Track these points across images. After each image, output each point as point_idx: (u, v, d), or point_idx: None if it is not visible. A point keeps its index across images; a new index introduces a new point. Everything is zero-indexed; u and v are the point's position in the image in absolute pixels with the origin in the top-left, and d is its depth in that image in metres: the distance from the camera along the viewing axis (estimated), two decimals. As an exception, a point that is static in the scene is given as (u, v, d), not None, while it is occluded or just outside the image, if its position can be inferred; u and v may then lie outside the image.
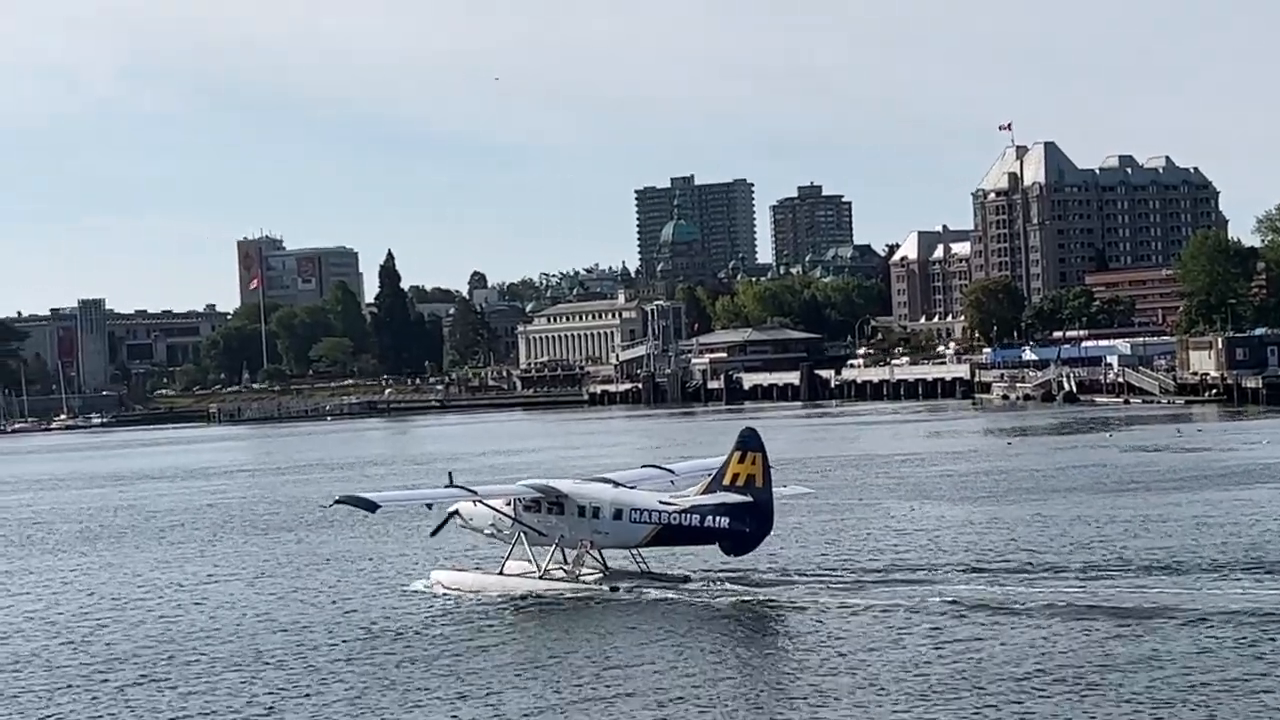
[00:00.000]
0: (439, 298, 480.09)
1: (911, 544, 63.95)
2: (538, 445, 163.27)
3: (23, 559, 75.26)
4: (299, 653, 46.72)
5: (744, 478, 50.83)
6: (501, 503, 54.72)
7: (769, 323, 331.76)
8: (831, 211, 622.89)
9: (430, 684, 41.70)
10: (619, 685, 40.81)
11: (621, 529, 52.66)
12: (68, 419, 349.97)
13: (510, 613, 51.40)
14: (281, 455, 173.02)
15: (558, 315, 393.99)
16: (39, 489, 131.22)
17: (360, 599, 55.86)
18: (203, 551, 73.58)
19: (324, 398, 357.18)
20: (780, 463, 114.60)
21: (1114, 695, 37.65)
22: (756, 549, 52.66)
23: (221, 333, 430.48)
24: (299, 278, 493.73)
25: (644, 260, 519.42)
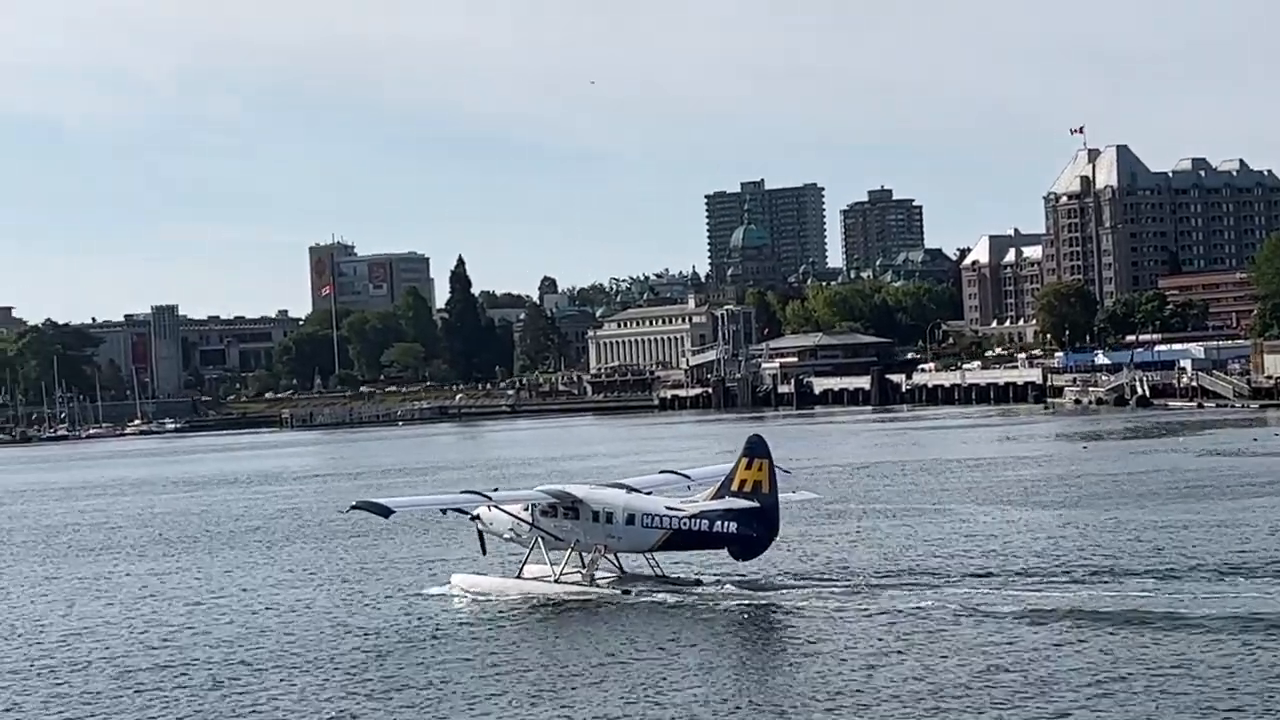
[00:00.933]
0: (509, 303, 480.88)
1: (984, 549, 63.48)
2: (608, 450, 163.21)
3: (95, 564, 75.58)
4: (373, 654, 46.88)
5: (751, 484, 51.66)
6: (520, 508, 55.82)
7: (839, 327, 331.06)
8: (902, 215, 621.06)
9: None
10: (629, 687, 41.23)
11: (634, 534, 53.72)
12: (141, 424, 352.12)
13: (526, 615, 52.08)
14: (353, 461, 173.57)
15: (628, 320, 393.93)
16: (113, 494, 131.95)
17: (388, 602, 56.52)
18: (273, 557, 73.67)
19: (395, 403, 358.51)
20: (851, 468, 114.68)
21: (1191, 703, 37.23)
22: (764, 553, 53.60)
23: (294, 338, 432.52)
24: (370, 283, 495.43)
25: (714, 265, 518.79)
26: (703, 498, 53.62)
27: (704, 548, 54.03)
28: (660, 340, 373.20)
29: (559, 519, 54.83)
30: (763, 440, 52.29)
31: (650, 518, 53.45)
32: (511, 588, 55.36)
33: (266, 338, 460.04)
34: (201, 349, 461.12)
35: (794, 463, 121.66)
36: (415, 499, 69.55)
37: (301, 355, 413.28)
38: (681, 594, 52.87)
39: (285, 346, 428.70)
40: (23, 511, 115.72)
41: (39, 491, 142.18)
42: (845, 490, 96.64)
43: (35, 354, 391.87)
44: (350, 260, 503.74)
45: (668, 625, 48.85)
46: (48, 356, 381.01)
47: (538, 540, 55.36)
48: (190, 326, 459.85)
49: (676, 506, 53.66)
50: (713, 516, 52.14)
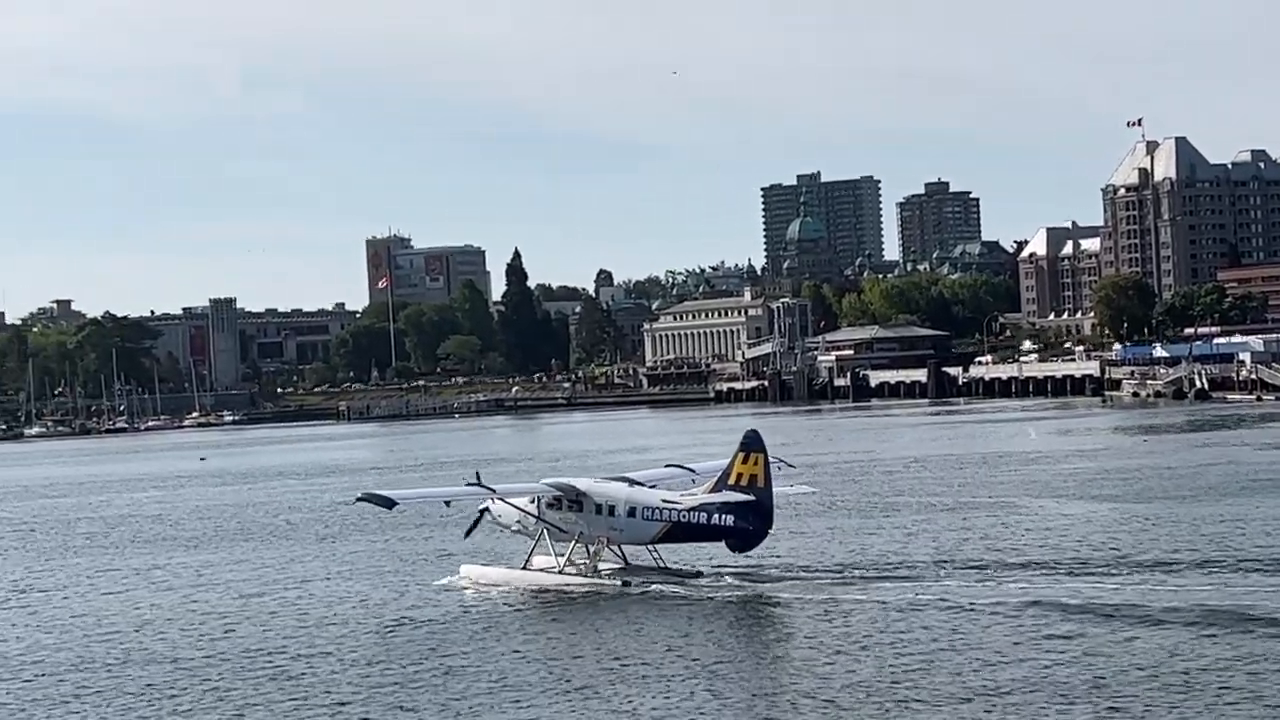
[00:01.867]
0: (565, 296, 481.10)
1: (1043, 543, 63.15)
2: (664, 443, 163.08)
3: (151, 555, 75.93)
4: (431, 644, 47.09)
5: (747, 477, 52.78)
6: (526, 501, 57.04)
7: (896, 320, 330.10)
8: (959, 208, 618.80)
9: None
10: (630, 673, 42.14)
11: (635, 526, 54.84)
12: (200, 417, 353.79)
13: (530, 605, 53.19)
14: (409, 453, 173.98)
15: (684, 313, 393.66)
16: (171, 487, 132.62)
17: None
18: (332, 550, 73.82)
19: (451, 395, 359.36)
20: (908, 461, 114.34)
21: (1253, 700, 36.95)
22: (759, 546, 54.43)
23: (350, 331, 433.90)
24: (427, 276, 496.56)
25: (770, 257, 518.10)
26: (702, 491, 54.79)
27: (702, 540, 55.03)
28: (716, 333, 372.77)
29: (563, 512, 56.12)
30: (758, 435, 53.47)
31: (650, 510, 54.55)
32: (517, 578, 56.52)
33: (324, 330, 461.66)
34: (259, 342, 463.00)
35: (849, 456, 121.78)
36: (419, 491, 70.56)
37: (358, 348, 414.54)
38: (680, 585, 53.90)
39: (342, 339, 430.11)
40: (84, 504, 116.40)
41: (99, 484, 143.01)
42: (902, 483, 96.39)
43: (95, 347, 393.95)
44: (407, 253, 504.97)
45: (666, 616, 49.73)
46: (107, 349, 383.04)
47: (543, 532, 56.54)
48: (248, 319, 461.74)
49: (672, 499, 54.77)
50: (710, 510, 53.34)
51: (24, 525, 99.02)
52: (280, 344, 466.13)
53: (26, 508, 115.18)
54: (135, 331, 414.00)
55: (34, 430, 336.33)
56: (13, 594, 64.54)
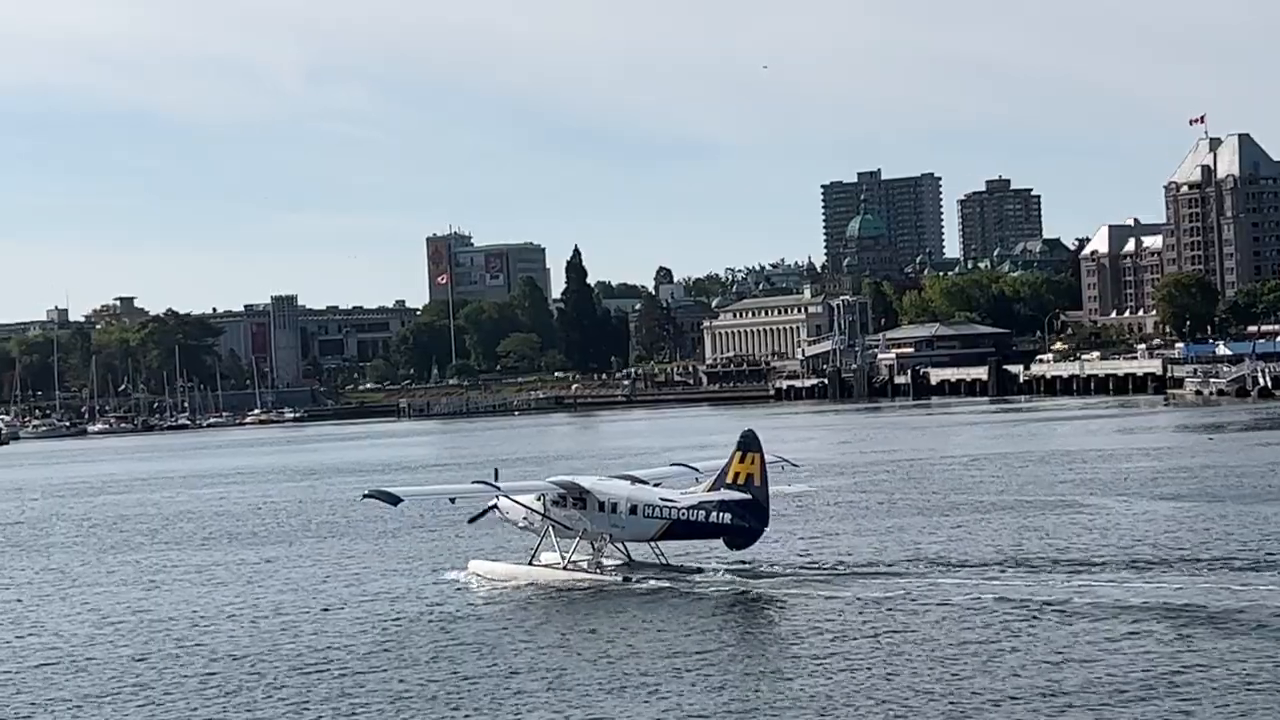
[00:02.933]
0: (625, 293, 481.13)
1: (1107, 541, 62.81)
2: (724, 441, 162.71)
3: (211, 551, 76.26)
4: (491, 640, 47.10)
5: (744, 476, 53.99)
6: (533, 498, 58.45)
7: (956, 317, 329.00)
8: (1020, 205, 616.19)
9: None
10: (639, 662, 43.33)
11: (636, 523, 56.14)
12: (261, 414, 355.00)
13: (535, 600, 54.69)
14: (469, 450, 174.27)
15: (743, 310, 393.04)
16: (234, 483, 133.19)
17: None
18: (382, 548, 73.86)
19: (511, 393, 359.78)
20: (969, 459, 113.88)
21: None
22: (755, 544, 55.64)
23: (411, 328, 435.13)
24: (487, 273, 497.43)
25: (830, 255, 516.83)
26: (701, 490, 56.04)
27: (701, 537, 56.37)
28: (776, 330, 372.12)
29: (568, 509, 57.45)
30: (755, 435, 54.54)
31: (651, 508, 55.75)
32: (523, 574, 58.08)
33: (384, 328, 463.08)
34: (320, 339, 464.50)
35: (910, 454, 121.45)
36: (425, 488, 73.25)
37: (419, 345, 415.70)
38: (680, 581, 54.86)
39: (403, 336, 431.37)
40: (146, 500, 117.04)
41: (161, 480, 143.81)
42: (962, 482, 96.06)
43: (157, 344, 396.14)
44: (467, 250, 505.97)
45: (663, 610, 50.91)
46: (169, 346, 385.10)
47: (549, 529, 57.99)
48: (309, 316, 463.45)
49: (671, 498, 56.03)
50: (708, 508, 54.55)
51: (87, 521, 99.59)
52: (341, 341, 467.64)
53: (90, 504, 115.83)
54: (197, 329, 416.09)
55: (97, 427, 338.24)
56: (74, 588, 64.91)
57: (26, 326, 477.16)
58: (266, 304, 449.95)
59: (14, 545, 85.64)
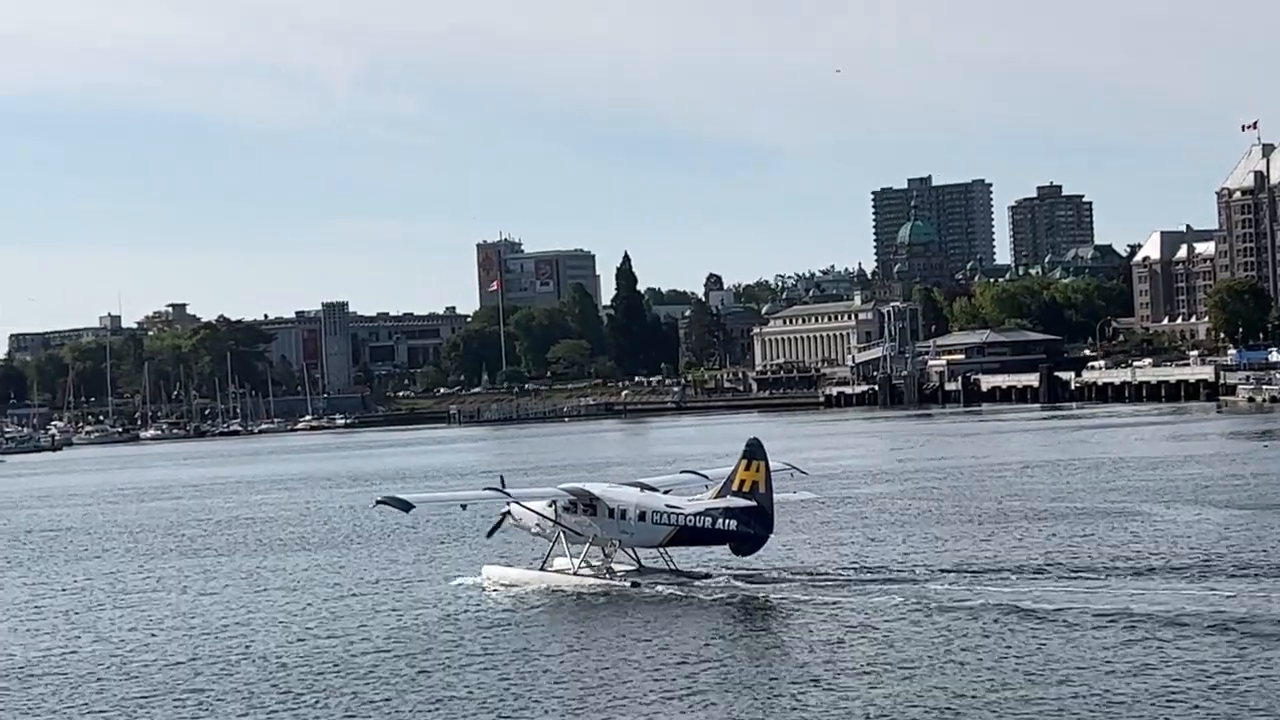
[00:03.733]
0: (675, 300, 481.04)
1: (1157, 548, 62.49)
2: (774, 448, 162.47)
3: (260, 557, 76.48)
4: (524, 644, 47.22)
5: (749, 484, 54.89)
6: (544, 505, 59.60)
7: (1007, 324, 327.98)
8: (1071, 211, 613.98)
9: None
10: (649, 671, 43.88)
11: (644, 530, 57.17)
12: (312, 420, 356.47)
13: (545, 604, 55.75)
14: (520, 457, 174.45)
15: (793, 317, 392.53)
16: (285, 489, 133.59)
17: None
18: (432, 555, 73.95)
19: (561, 399, 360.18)
20: (1020, 466, 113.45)
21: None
22: (762, 549, 56.52)
23: (461, 335, 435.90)
24: (537, 280, 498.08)
25: (880, 261, 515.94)
26: (707, 497, 57.02)
27: (707, 543, 57.26)
28: (826, 337, 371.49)
29: (578, 515, 58.57)
30: (760, 443, 55.66)
31: (659, 515, 56.80)
32: (534, 579, 59.14)
33: (435, 334, 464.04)
34: (371, 345, 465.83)
35: (962, 461, 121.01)
36: (436, 495, 75.50)
37: (469, 351, 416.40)
38: (687, 586, 55.57)
39: (453, 343, 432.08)
40: (198, 506, 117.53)
41: (213, 486, 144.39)
42: (1014, 488, 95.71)
43: (209, 350, 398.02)
44: (517, 257, 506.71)
45: (668, 615, 51.57)
46: (221, 352, 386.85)
47: (560, 535, 59.08)
48: (360, 323, 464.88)
49: (678, 505, 57.05)
50: (715, 514, 55.36)
51: (139, 527, 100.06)
52: (392, 347, 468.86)
53: (142, 510, 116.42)
54: (249, 335, 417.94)
55: (149, 433, 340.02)
56: (126, 594, 65.20)
57: (80, 333, 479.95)
58: (317, 310, 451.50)
59: (67, 551, 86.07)
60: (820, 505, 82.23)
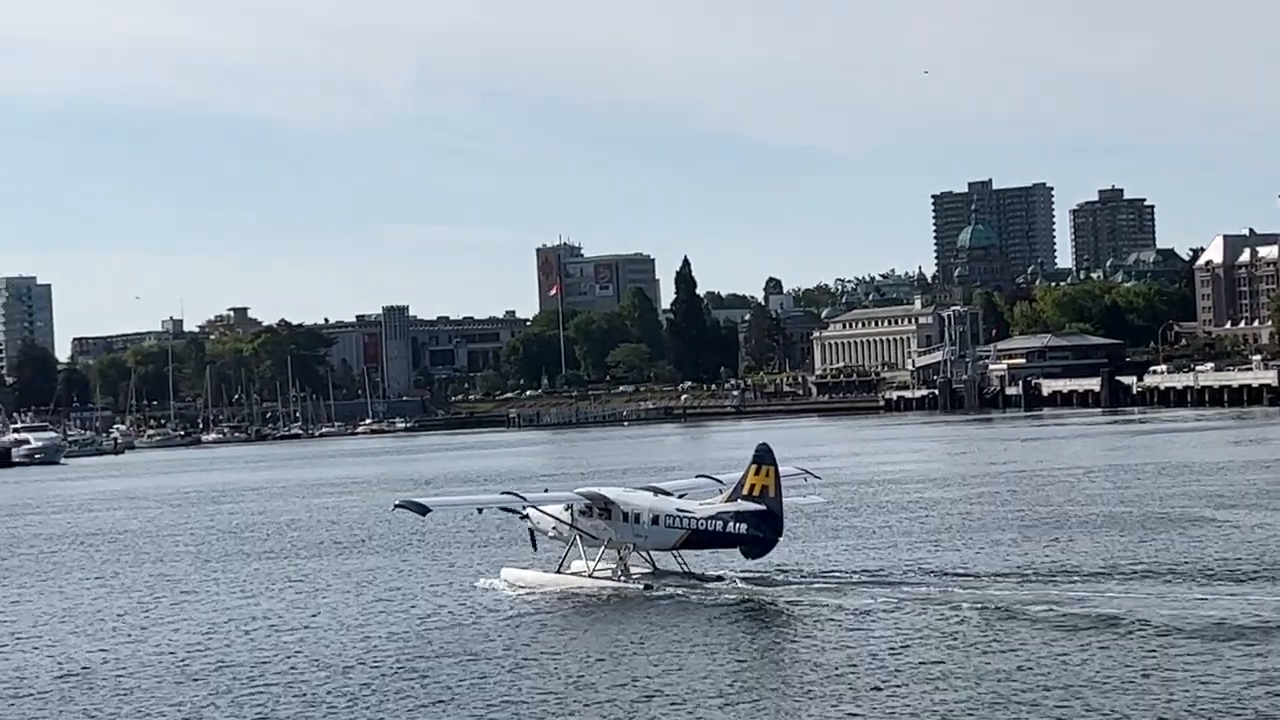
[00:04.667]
0: (735, 304, 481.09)
1: (1224, 553, 62.02)
2: (834, 452, 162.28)
3: (319, 560, 76.67)
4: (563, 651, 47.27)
5: (759, 488, 55.65)
6: (561, 509, 60.53)
7: (1068, 328, 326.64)
8: (1133, 215, 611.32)
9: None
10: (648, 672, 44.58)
11: (658, 533, 58.10)
12: (372, 424, 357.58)
13: (561, 607, 56.51)
14: (580, 460, 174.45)
15: (853, 321, 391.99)
16: (345, 493, 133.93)
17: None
18: (486, 558, 74.00)
19: (621, 403, 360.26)
20: (1082, 471, 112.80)
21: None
22: (770, 553, 57.20)
23: (521, 339, 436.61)
24: (596, 284, 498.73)
25: (941, 265, 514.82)
26: (719, 501, 57.70)
27: (719, 547, 58.06)
28: (886, 341, 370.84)
29: (594, 519, 59.37)
30: (769, 448, 56.06)
31: (672, 518, 57.70)
32: (551, 582, 59.92)
33: (494, 338, 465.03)
34: (431, 349, 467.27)
35: (1023, 466, 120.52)
36: (453, 499, 77.16)
37: (528, 355, 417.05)
38: (700, 589, 56.31)
39: (513, 347, 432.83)
40: (258, 509, 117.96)
41: (274, 489, 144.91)
42: (1075, 494, 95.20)
43: (270, 354, 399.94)
44: (577, 261, 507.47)
45: (684, 619, 52.14)
46: (282, 356, 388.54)
47: (576, 538, 59.97)
48: (420, 327, 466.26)
49: (690, 509, 57.94)
50: (725, 518, 56.23)
51: (199, 530, 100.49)
52: (451, 351, 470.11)
53: (203, 513, 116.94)
54: (309, 339, 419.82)
55: (211, 436, 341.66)
56: (185, 597, 65.45)
57: (142, 337, 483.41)
58: (378, 314, 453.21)
59: (128, 554, 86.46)
60: (880, 509, 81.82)
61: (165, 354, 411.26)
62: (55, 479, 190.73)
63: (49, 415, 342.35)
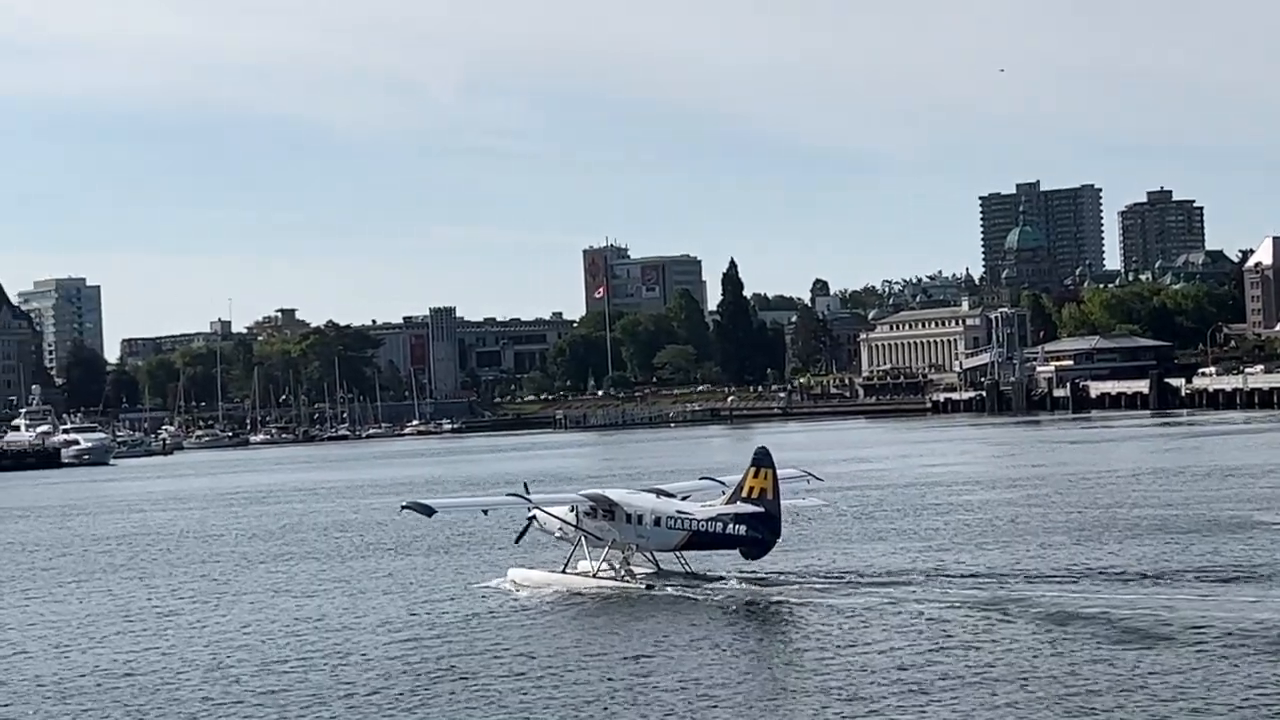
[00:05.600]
0: (781, 305, 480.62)
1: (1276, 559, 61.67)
2: (881, 454, 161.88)
3: (363, 561, 76.75)
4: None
5: (757, 491, 56.77)
6: (566, 510, 61.49)
7: (1117, 330, 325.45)
8: (1182, 217, 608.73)
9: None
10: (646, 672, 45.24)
11: (659, 534, 59.30)
12: (419, 425, 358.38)
13: (563, 605, 57.62)
14: (626, 462, 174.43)
15: (900, 322, 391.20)
16: (391, 494, 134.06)
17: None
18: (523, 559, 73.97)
19: (667, 405, 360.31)
20: (1132, 474, 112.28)
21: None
22: (768, 554, 58.24)
23: (567, 340, 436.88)
24: (643, 285, 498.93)
25: (988, 267, 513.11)
26: (719, 503, 58.77)
27: (718, 548, 59.14)
28: (933, 343, 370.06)
29: (598, 520, 60.41)
30: (768, 452, 57.33)
31: (673, 520, 58.83)
32: (556, 581, 60.98)
33: (541, 339, 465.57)
34: (478, 350, 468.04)
35: (1071, 468, 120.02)
36: (459, 500, 79.58)
37: (575, 357, 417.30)
38: (700, 590, 57.34)
39: (559, 348, 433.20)
40: (305, 510, 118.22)
41: (321, 490, 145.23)
42: (1124, 497, 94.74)
43: (318, 355, 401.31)
44: (623, 263, 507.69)
45: (684, 618, 53.15)
46: (329, 358, 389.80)
47: (581, 539, 61.03)
48: (467, 328, 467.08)
49: (690, 510, 59.10)
50: (725, 520, 57.38)
51: (246, 531, 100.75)
52: (498, 353, 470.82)
53: (250, 514, 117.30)
54: (357, 340, 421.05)
55: (259, 437, 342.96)
56: (232, 598, 65.61)
57: (191, 338, 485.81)
58: (425, 316, 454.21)
59: (175, 555, 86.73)
60: (929, 511, 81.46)
61: (213, 355, 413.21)
62: (104, 480, 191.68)
63: (98, 416, 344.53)
